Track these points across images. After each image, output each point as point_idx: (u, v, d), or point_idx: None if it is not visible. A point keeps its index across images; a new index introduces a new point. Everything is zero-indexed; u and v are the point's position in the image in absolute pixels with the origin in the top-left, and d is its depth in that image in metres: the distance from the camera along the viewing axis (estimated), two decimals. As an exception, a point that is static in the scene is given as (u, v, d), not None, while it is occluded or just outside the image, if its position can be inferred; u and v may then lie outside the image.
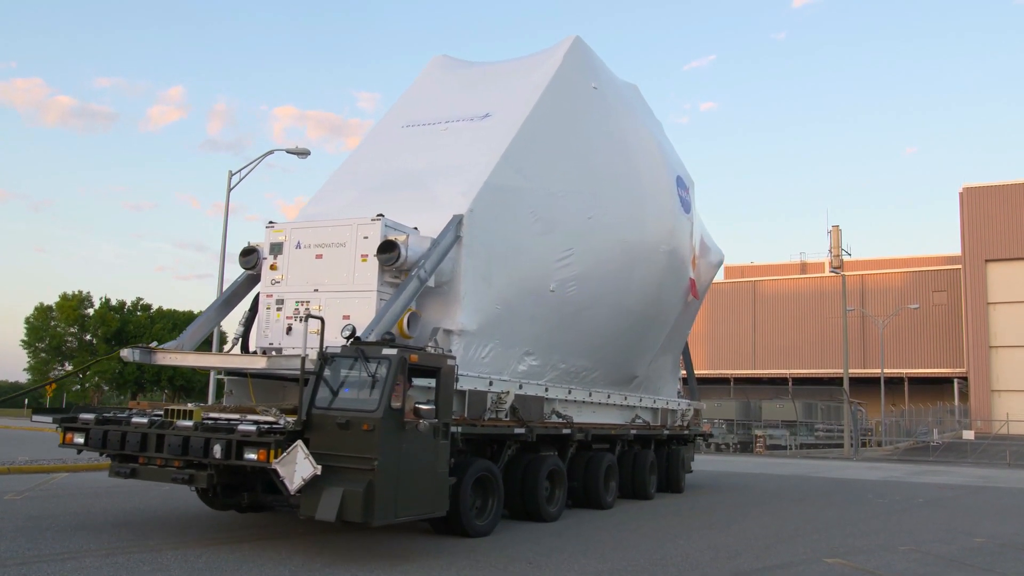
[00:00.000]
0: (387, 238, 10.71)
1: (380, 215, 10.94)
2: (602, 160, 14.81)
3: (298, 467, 8.28)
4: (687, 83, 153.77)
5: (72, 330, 70.98)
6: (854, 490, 20.40)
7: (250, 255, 11.93)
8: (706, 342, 68.34)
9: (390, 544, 9.85)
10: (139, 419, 9.64)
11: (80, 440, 9.93)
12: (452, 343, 11.18)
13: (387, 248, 10.65)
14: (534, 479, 12.15)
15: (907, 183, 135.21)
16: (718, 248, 21.01)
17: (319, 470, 8.23)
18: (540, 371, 13.33)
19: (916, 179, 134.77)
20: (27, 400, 56.73)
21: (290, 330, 11.04)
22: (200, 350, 12.06)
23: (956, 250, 62.47)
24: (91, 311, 71.27)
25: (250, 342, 11.96)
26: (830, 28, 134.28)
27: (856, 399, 51.04)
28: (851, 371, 48.95)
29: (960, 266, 60.54)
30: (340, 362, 9.11)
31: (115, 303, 72.67)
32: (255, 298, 12.04)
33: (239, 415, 9.77)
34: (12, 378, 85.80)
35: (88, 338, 71.06)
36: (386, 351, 8.90)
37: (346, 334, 9.10)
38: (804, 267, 74.90)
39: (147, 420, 9.57)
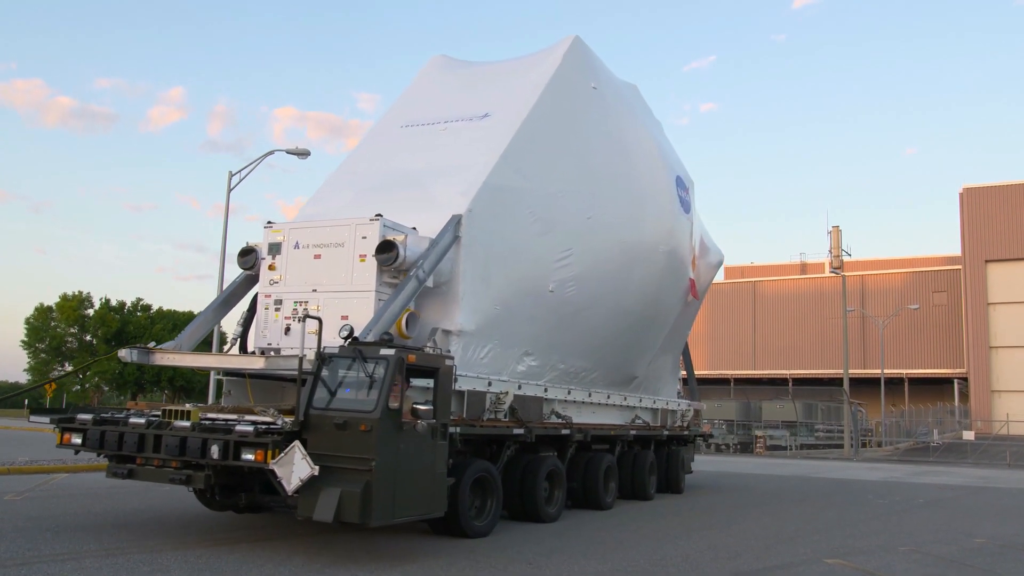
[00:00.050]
0: (385, 238, 10.70)
1: (378, 215, 10.93)
2: (601, 160, 14.78)
3: (296, 468, 8.26)
4: (687, 84, 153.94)
5: (72, 331, 70.97)
6: (854, 491, 20.38)
7: (248, 255, 11.91)
8: (706, 342, 68.29)
9: (390, 545, 9.83)
10: (137, 419, 9.62)
11: (77, 440, 9.91)
12: (451, 343, 11.16)
13: (385, 248, 10.64)
14: (533, 480, 12.13)
15: (907, 183, 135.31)
16: (718, 248, 20.99)
17: (316, 471, 8.22)
18: (539, 371, 13.30)
19: (916, 179, 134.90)
20: (27, 400, 56.68)
21: (288, 330, 11.03)
22: (199, 350, 12.04)
23: (956, 250, 62.39)
24: (91, 312, 71.24)
25: (248, 342, 11.95)
26: (830, 29, 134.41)
27: (856, 399, 51.03)
28: (851, 371, 48.92)
29: (960, 266, 60.45)
30: (338, 362, 9.09)
31: (115, 304, 72.68)
32: (253, 298, 12.04)
33: (237, 416, 9.74)
34: (12, 379, 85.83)
35: (88, 339, 71.04)
36: (384, 351, 8.88)
37: (344, 334, 9.08)
38: (804, 267, 74.86)
39: (145, 421, 9.55)
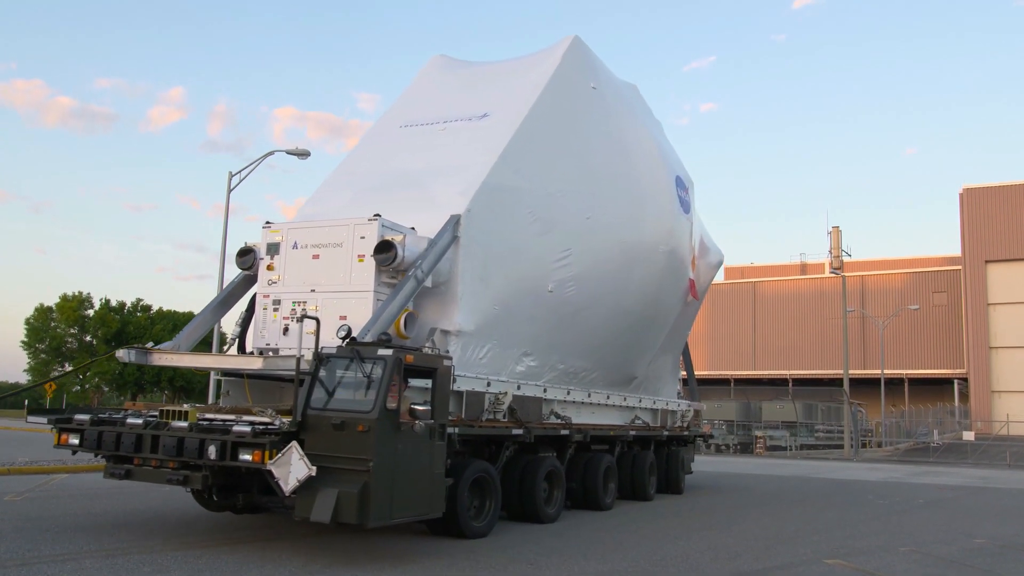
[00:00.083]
0: (384, 238, 10.68)
1: (377, 215, 10.91)
2: (601, 160, 14.75)
3: (293, 468, 8.23)
4: (687, 84, 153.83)
5: (72, 331, 70.89)
6: (854, 491, 20.35)
7: (247, 255, 11.88)
8: (706, 343, 68.26)
9: (391, 545, 9.80)
10: (134, 420, 9.60)
11: (75, 441, 9.89)
12: (449, 344, 11.13)
13: (384, 248, 10.61)
14: (532, 480, 12.10)
15: (907, 184, 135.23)
16: (718, 248, 20.96)
17: (314, 471, 8.19)
18: (538, 372, 13.27)
19: (916, 180, 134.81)
20: (27, 401, 56.66)
21: (287, 331, 11.00)
22: (198, 350, 12.02)
23: (956, 251, 62.33)
24: (91, 312, 71.13)
25: (247, 343, 11.92)
26: (830, 29, 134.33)
27: (856, 400, 51.00)
28: (851, 372, 48.90)
29: (960, 267, 60.40)
30: (336, 363, 9.06)
31: (115, 304, 72.54)
32: (252, 299, 12.01)
33: (235, 416, 9.73)
34: (12, 379, 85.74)
35: (88, 339, 70.99)
36: (381, 352, 8.86)
37: (342, 335, 9.06)
38: (804, 268, 74.83)
39: (142, 421, 9.52)
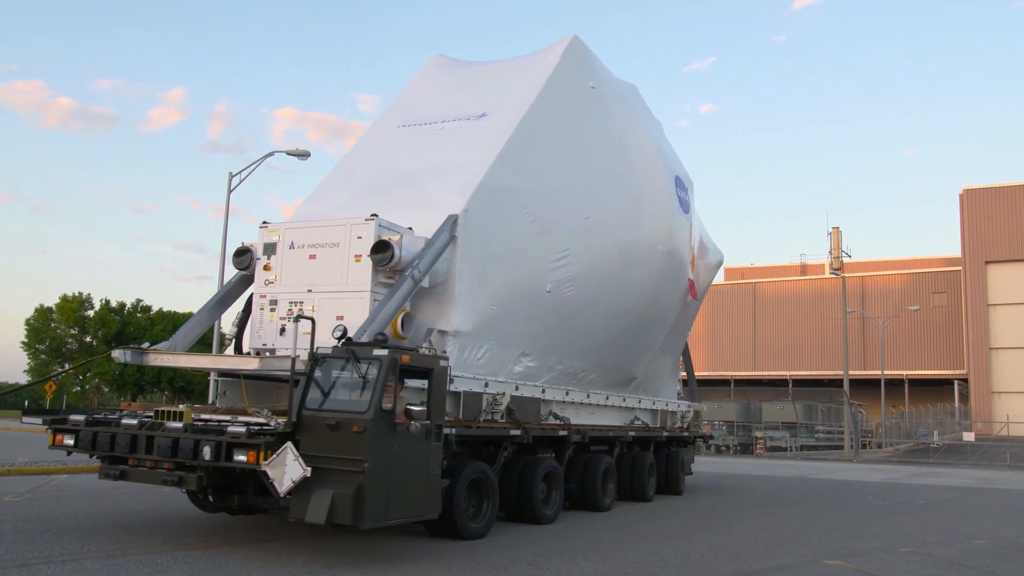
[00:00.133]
0: (381, 238, 10.64)
1: (374, 215, 10.87)
2: (599, 160, 14.69)
3: (288, 469, 8.18)
4: (687, 85, 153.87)
5: (72, 332, 70.84)
6: (854, 492, 20.29)
7: (243, 255, 11.84)
8: (706, 344, 68.20)
9: (391, 546, 9.76)
10: (129, 420, 9.56)
11: (70, 442, 9.84)
12: (447, 344, 11.09)
13: (381, 248, 10.57)
14: (530, 481, 12.05)
15: (907, 184, 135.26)
16: (717, 249, 20.89)
17: (309, 472, 8.14)
18: (537, 372, 13.22)
19: (916, 180, 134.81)
20: (26, 401, 56.62)
21: (283, 331, 10.96)
22: (195, 351, 11.98)
23: (956, 252, 62.27)
24: (91, 313, 71.09)
25: (244, 343, 11.88)
26: (830, 29, 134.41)
27: (856, 401, 50.92)
28: (851, 373, 48.81)
29: (960, 268, 60.33)
30: (331, 363, 9.01)
31: (115, 305, 72.50)
32: (249, 299, 11.97)
33: (230, 416, 9.69)
34: (12, 380, 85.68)
35: (88, 340, 70.92)
36: (377, 352, 8.81)
37: (337, 335, 9.02)
38: (804, 269, 74.79)
39: (137, 421, 9.48)
